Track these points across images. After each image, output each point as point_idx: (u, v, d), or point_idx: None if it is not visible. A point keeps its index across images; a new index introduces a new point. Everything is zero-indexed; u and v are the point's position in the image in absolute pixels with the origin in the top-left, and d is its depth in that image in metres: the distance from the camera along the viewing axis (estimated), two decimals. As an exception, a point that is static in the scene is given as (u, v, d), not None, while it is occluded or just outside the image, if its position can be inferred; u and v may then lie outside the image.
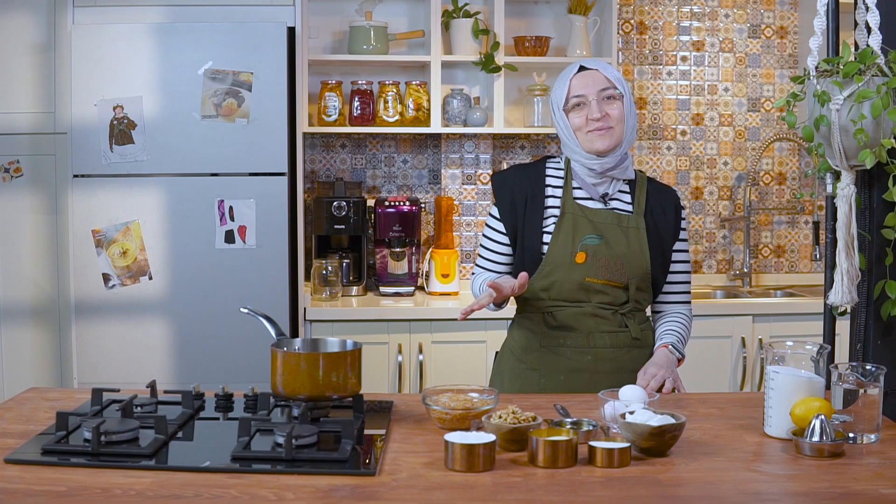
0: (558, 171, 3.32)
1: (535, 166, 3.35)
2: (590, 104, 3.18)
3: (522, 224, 3.25)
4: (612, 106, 3.20)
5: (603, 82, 3.20)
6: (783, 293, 5.59)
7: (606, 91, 3.20)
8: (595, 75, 3.21)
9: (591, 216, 3.22)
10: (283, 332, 2.75)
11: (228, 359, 4.63)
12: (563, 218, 3.21)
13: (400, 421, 2.67)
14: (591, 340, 3.20)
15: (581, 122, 3.19)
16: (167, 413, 2.62)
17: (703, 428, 2.62)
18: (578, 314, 3.20)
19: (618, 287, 3.20)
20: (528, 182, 3.29)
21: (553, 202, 3.26)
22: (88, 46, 4.56)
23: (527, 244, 3.24)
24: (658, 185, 3.38)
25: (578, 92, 3.20)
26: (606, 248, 3.19)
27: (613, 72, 3.25)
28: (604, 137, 3.17)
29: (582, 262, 3.17)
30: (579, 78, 3.22)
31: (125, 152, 4.57)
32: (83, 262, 4.62)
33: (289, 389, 2.54)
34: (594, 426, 2.48)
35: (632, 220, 3.24)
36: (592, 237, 3.19)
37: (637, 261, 3.21)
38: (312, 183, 5.51)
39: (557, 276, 3.19)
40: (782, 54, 5.78)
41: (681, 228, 3.34)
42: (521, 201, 3.26)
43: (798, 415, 2.47)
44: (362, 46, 5.24)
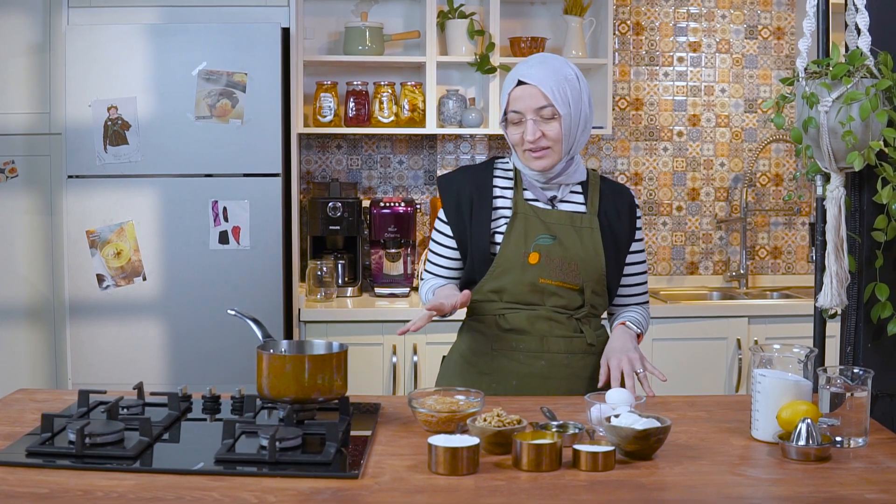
0: (507, 171, 3.20)
1: (482, 167, 3.23)
2: (526, 123, 3.03)
3: (469, 226, 3.13)
4: (549, 126, 3.03)
5: (540, 100, 3.01)
6: (779, 295, 5.58)
7: (544, 110, 3.02)
8: (533, 92, 3.02)
9: (543, 216, 3.11)
10: (269, 335, 2.75)
11: (222, 359, 4.62)
12: (514, 218, 3.10)
13: (386, 423, 2.66)
14: (545, 345, 3.10)
15: (518, 139, 3.07)
16: (153, 415, 2.62)
17: (690, 431, 2.61)
18: (532, 317, 3.10)
19: (572, 289, 3.10)
20: (473, 183, 3.17)
21: (503, 203, 3.15)
22: (83, 47, 4.56)
23: (475, 246, 3.12)
24: (612, 184, 3.26)
25: (516, 107, 3.05)
26: (560, 248, 3.08)
27: (557, 85, 3.02)
28: (540, 160, 3.06)
29: (535, 262, 3.07)
30: (517, 92, 3.05)
31: (119, 153, 4.57)
32: (77, 263, 4.61)
33: (274, 392, 2.53)
34: (580, 429, 2.47)
35: (585, 220, 3.13)
36: (546, 237, 3.09)
37: (592, 262, 3.10)
38: (308, 184, 5.50)
39: (510, 278, 3.09)
40: (779, 55, 5.77)
41: (636, 228, 3.24)
42: (467, 203, 3.14)
43: (785, 418, 2.46)
44: (357, 47, 5.24)
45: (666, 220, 5.76)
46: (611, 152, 5.69)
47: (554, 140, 3.03)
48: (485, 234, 3.11)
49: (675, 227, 5.77)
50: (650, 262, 5.75)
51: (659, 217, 5.76)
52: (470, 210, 3.13)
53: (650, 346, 4.95)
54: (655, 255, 5.77)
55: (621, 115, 5.68)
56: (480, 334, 3.17)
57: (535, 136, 3.02)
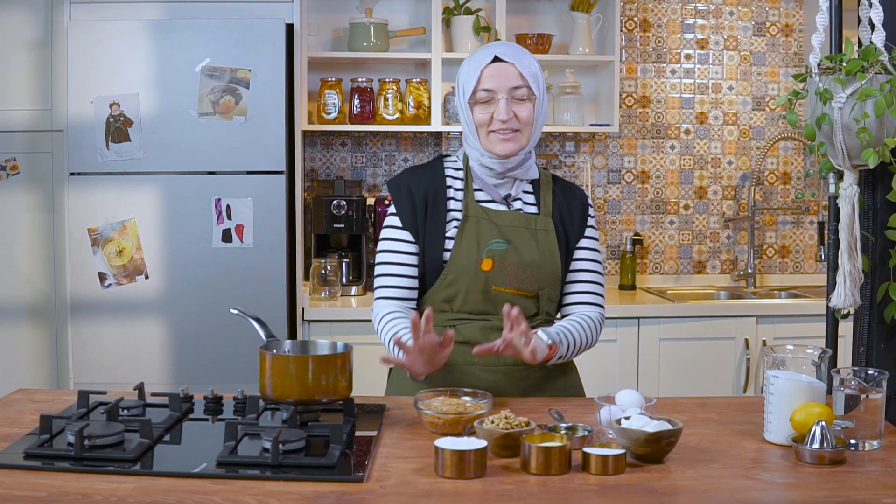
0: (457, 171, 3.04)
1: (432, 167, 3.06)
2: (498, 102, 2.89)
3: (424, 231, 2.95)
4: (522, 107, 2.91)
5: (517, 79, 2.90)
6: (787, 294, 5.53)
7: (519, 90, 2.90)
8: (509, 70, 2.90)
9: (496, 219, 2.96)
10: (272, 334, 2.70)
11: (225, 359, 4.58)
12: (465, 222, 2.94)
13: (392, 425, 2.61)
14: (500, 357, 2.87)
15: (485, 119, 2.91)
16: (154, 416, 2.57)
17: (701, 433, 2.57)
18: (485, 328, 2.94)
19: (527, 297, 2.96)
20: (427, 184, 3.00)
21: (454, 205, 2.98)
22: (85, 43, 4.52)
23: (428, 253, 2.95)
24: (564, 183, 3.11)
25: (488, 86, 2.90)
26: (514, 253, 2.93)
27: (532, 67, 2.94)
28: (507, 142, 2.91)
29: (488, 269, 2.91)
30: (492, 69, 2.91)
31: (121, 150, 4.53)
32: (79, 261, 4.57)
33: (277, 392, 2.48)
34: (589, 431, 2.43)
35: (540, 222, 2.98)
36: (499, 242, 2.93)
37: (548, 267, 2.96)
38: (312, 181, 5.46)
39: (461, 286, 2.93)
40: (787, 52, 5.72)
41: (587, 226, 3.07)
42: (422, 206, 2.96)
43: (798, 421, 2.41)
44: (362, 43, 5.19)
45: (673, 219, 5.71)
46: (617, 150, 5.64)
47: (525, 123, 2.91)
48: (439, 239, 2.95)
49: (683, 225, 5.72)
50: (656, 261, 5.70)
51: (666, 216, 5.71)
52: (425, 213, 2.97)
53: (657, 345, 4.91)
54: (662, 255, 5.72)
55: (628, 112, 5.63)
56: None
57: (509, 115, 2.88)
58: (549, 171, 3.14)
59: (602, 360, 4.87)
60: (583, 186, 5.59)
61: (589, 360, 4.80)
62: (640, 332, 4.93)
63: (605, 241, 5.67)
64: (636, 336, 4.93)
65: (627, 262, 5.54)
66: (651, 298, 5.25)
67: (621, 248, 5.65)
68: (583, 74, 5.55)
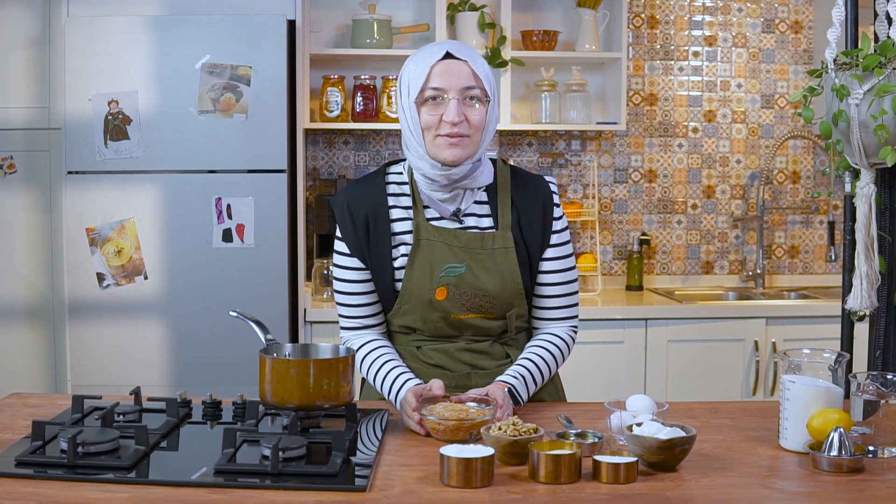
0: (402, 185, 2.81)
1: (373, 181, 2.82)
2: (448, 103, 2.64)
3: (370, 256, 2.75)
4: (473, 110, 2.66)
5: (469, 79, 2.66)
6: (797, 295, 5.46)
7: (471, 90, 2.66)
8: (462, 68, 2.66)
9: (449, 240, 2.73)
10: (273, 338, 2.62)
11: (225, 361, 4.52)
12: (417, 247, 2.72)
13: (395, 431, 2.53)
14: (473, 380, 2.76)
15: (433, 122, 2.65)
16: (150, 422, 2.49)
17: (715, 440, 2.49)
18: (452, 349, 2.79)
19: (492, 319, 2.77)
20: (367, 204, 2.76)
21: (401, 227, 2.76)
22: (83, 40, 4.45)
23: (378, 281, 2.76)
24: (524, 180, 2.85)
25: (438, 84, 2.64)
26: (471, 276, 2.71)
27: (485, 68, 2.71)
28: (455, 147, 2.65)
29: (443, 298, 2.71)
30: (443, 66, 2.66)
31: (120, 148, 4.46)
32: (77, 261, 4.51)
33: (277, 398, 2.40)
34: (600, 438, 2.35)
35: (497, 240, 2.74)
36: (453, 266, 2.71)
37: (509, 287, 2.73)
38: (314, 180, 5.39)
39: (417, 316, 2.76)
40: (797, 49, 5.64)
41: (552, 232, 2.81)
42: (364, 230, 2.75)
43: (815, 427, 2.34)
44: (365, 40, 5.12)
45: (681, 219, 5.64)
46: (624, 149, 5.57)
47: (475, 128, 2.67)
48: (387, 266, 2.75)
49: (690, 225, 5.64)
50: (664, 262, 5.63)
51: (674, 215, 5.63)
52: (367, 238, 2.76)
53: (665, 347, 4.83)
54: (670, 255, 5.64)
55: (635, 110, 5.55)
56: None
57: (459, 117, 2.63)
58: (507, 164, 2.88)
59: (609, 362, 4.80)
60: (583, 187, 5.52)
61: (595, 361, 4.77)
62: (648, 334, 4.85)
63: (612, 241, 5.59)
64: (644, 337, 4.86)
65: (634, 262, 5.46)
66: (658, 299, 5.18)
67: (628, 249, 5.57)
68: (589, 72, 5.47)
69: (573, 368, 3.12)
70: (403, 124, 2.74)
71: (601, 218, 5.56)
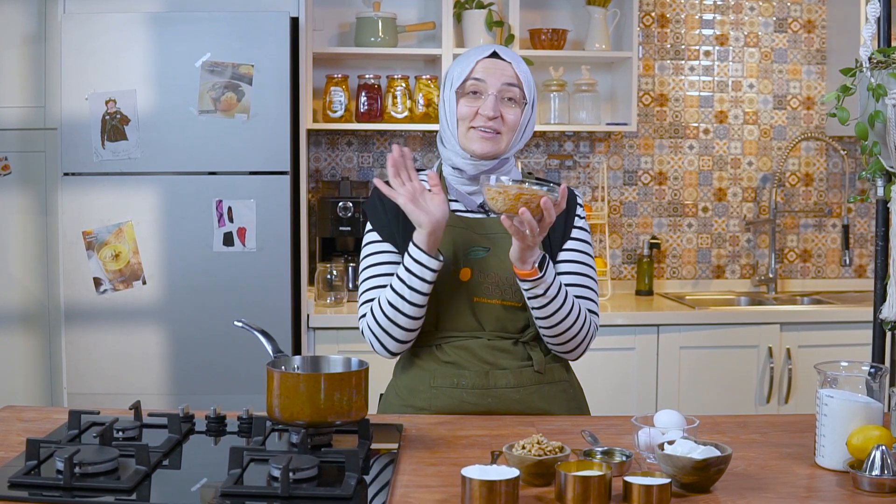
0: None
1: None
2: (486, 97, 2.73)
3: (402, 244, 2.75)
4: (510, 109, 2.75)
5: (511, 78, 2.76)
6: (810, 300, 5.34)
7: (511, 90, 2.75)
8: (506, 68, 2.76)
9: (474, 227, 2.78)
10: (280, 349, 2.49)
11: (227, 369, 4.39)
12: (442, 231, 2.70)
13: (411, 448, 2.40)
14: (491, 380, 2.74)
15: (468, 113, 2.74)
16: (152, 439, 2.36)
17: (747, 457, 2.36)
18: (474, 346, 2.75)
19: (514, 307, 2.75)
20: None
21: None
22: (80, 37, 4.33)
23: None
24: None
25: (480, 76, 2.75)
26: (496, 260, 2.74)
27: (527, 74, 2.80)
28: (486, 142, 2.74)
29: (468, 279, 2.73)
30: (488, 63, 2.77)
31: (118, 149, 4.34)
32: (73, 266, 4.39)
33: (286, 414, 2.27)
34: (628, 456, 2.22)
35: None
36: (478, 249, 2.76)
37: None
38: (316, 182, 5.26)
39: (442, 299, 2.74)
40: (809, 49, 5.52)
41: (574, 227, 2.84)
42: (395, 219, 2.77)
43: (855, 445, 2.21)
44: (370, 39, 4.99)
45: (691, 222, 5.51)
46: (634, 150, 5.44)
47: (509, 127, 2.76)
48: None
49: (701, 228, 5.52)
50: (674, 266, 5.50)
51: (684, 218, 5.50)
52: (398, 227, 2.78)
53: (677, 353, 4.71)
54: (680, 259, 5.52)
55: (645, 111, 5.43)
56: (418, 369, 2.81)
57: (495, 112, 2.72)
58: (533, 175, 2.95)
59: (620, 369, 4.68)
60: (592, 189, 5.39)
61: (606, 368, 4.64)
62: (660, 340, 4.73)
63: (621, 245, 5.47)
64: (655, 344, 4.73)
65: (644, 266, 5.34)
66: (669, 304, 5.05)
67: (638, 252, 5.45)
68: (598, 71, 5.35)
69: (583, 375, 2.99)
70: (441, 117, 2.83)
71: (610, 221, 5.44)
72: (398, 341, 2.75)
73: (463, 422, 2.64)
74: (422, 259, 2.64)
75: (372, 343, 2.78)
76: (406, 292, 2.67)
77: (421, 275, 2.64)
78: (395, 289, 2.69)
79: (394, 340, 2.75)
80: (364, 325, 2.78)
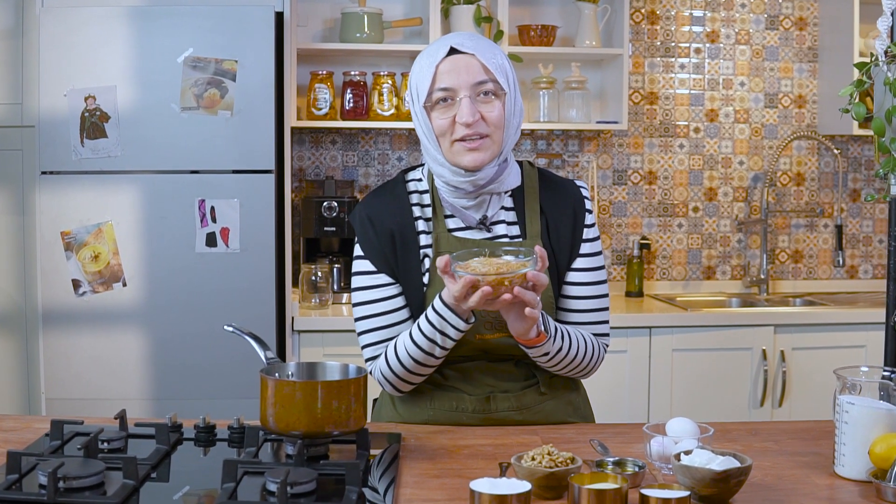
0: (423, 193, 2.59)
1: (393, 191, 2.59)
2: (459, 103, 2.42)
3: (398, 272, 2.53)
4: (489, 107, 2.44)
5: (479, 73, 2.42)
6: (802, 301, 5.25)
7: (483, 86, 2.43)
8: (470, 63, 2.43)
9: (474, 248, 2.45)
10: (273, 356, 2.37)
11: (210, 373, 4.28)
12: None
13: (411, 459, 2.29)
14: (493, 404, 2.55)
15: (446, 126, 2.43)
16: (138, 450, 2.24)
17: (763, 467, 2.26)
18: (473, 369, 2.56)
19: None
20: (391, 217, 2.54)
21: (425, 239, 2.54)
22: (58, 31, 4.21)
23: (410, 300, 2.54)
24: (554, 183, 2.63)
25: (446, 84, 2.42)
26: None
27: (497, 57, 2.47)
28: (475, 151, 2.43)
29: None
30: (448, 64, 2.43)
31: (97, 147, 4.23)
32: (51, 267, 4.27)
33: (282, 424, 2.15)
34: (641, 467, 2.12)
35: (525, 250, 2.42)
36: None
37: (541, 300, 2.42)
38: (300, 181, 5.14)
39: None
40: (801, 47, 5.44)
41: (583, 240, 2.60)
42: (389, 245, 2.53)
43: (878, 454, 2.11)
44: (355, 34, 4.88)
45: (682, 222, 5.42)
46: (623, 149, 5.34)
47: (495, 125, 2.44)
48: (417, 284, 2.53)
49: (692, 229, 5.43)
50: (664, 267, 5.41)
51: (674, 218, 5.41)
52: (394, 252, 2.53)
53: (670, 356, 4.62)
54: (670, 260, 5.43)
55: (635, 109, 5.33)
56: (415, 391, 2.60)
57: (473, 117, 2.41)
58: (534, 166, 2.66)
59: (612, 372, 4.57)
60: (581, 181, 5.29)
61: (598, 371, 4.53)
62: (652, 343, 4.63)
63: (611, 246, 5.37)
64: (647, 346, 4.64)
65: (634, 267, 5.24)
66: (660, 306, 4.96)
67: (627, 253, 5.35)
68: (588, 69, 5.25)
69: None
70: (418, 130, 2.52)
71: (600, 221, 5.34)
72: (415, 384, 2.58)
73: (463, 430, 2.53)
74: (451, 319, 2.40)
75: (384, 386, 2.60)
76: (432, 348, 2.45)
77: (448, 333, 2.42)
78: (417, 343, 2.46)
79: (411, 385, 2.57)
80: (377, 374, 2.57)
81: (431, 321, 2.41)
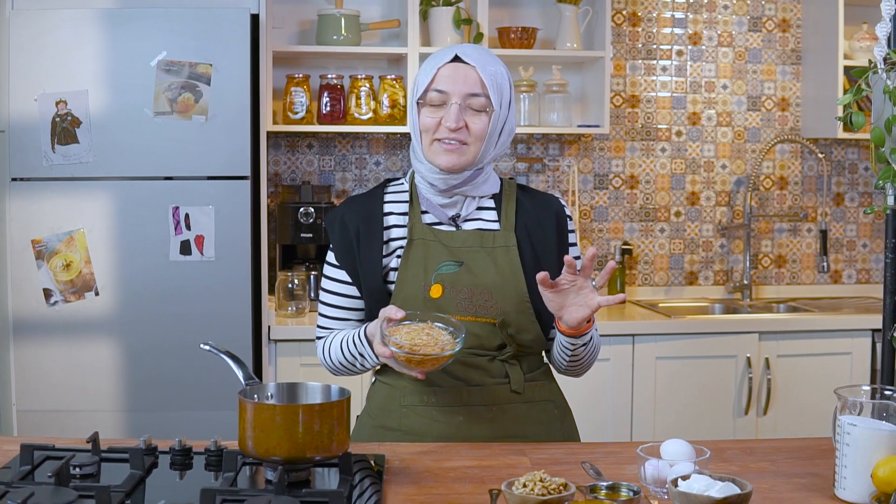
0: (401, 193, 2.72)
1: (371, 193, 2.74)
2: (449, 107, 2.56)
3: (359, 261, 2.63)
4: (476, 118, 2.56)
5: (475, 85, 2.56)
6: (786, 307, 5.19)
7: (475, 98, 2.56)
8: (469, 74, 2.56)
9: (446, 240, 2.62)
10: (251, 375, 2.28)
11: (184, 384, 4.19)
12: (411, 246, 2.61)
13: (396, 483, 2.20)
14: (464, 396, 2.59)
15: (431, 125, 2.58)
16: (112, 475, 2.15)
17: (761, 489, 2.18)
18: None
19: (489, 324, 2.57)
20: (361, 212, 2.67)
21: (399, 232, 2.65)
22: (28, 34, 4.12)
23: (367, 284, 2.61)
24: (535, 194, 2.76)
25: (441, 87, 2.57)
26: (468, 275, 2.58)
27: (497, 76, 2.60)
28: (451, 154, 2.57)
29: (438, 296, 2.56)
30: (450, 69, 2.58)
31: (69, 153, 4.13)
32: (22, 276, 4.18)
33: (261, 449, 2.06)
34: (636, 492, 2.04)
35: (499, 238, 2.63)
36: (449, 264, 2.59)
37: (510, 287, 2.58)
38: (276, 187, 5.05)
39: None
40: (784, 49, 5.38)
41: (569, 245, 2.72)
42: (354, 235, 2.64)
43: (881, 477, 2.04)
44: (332, 37, 4.79)
45: (663, 227, 5.35)
46: (605, 153, 5.27)
47: (475, 137, 2.57)
48: (376, 269, 2.61)
49: (674, 233, 5.36)
50: (646, 272, 5.34)
51: (656, 223, 5.34)
52: (358, 243, 2.64)
53: (653, 364, 4.55)
54: (652, 265, 5.36)
55: (616, 112, 5.26)
56: (389, 388, 2.66)
57: (459, 123, 2.54)
58: (514, 181, 2.78)
59: (594, 380, 4.49)
60: (562, 194, 5.21)
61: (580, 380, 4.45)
62: (635, 350, 4.56)
63: (592, 251, 5.29)
64: (630, 354, 4.57)
65: (616, 273, 5.17)
66: (642, 313, 4.89)
67: (609, 259, 5.28)
68: (569, 71, 5.18)
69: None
70: (409, 126, 2.73)
71: (581, 226, 5.26)
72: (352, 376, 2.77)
73: (447, 451, 2.45)
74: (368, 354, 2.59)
75: (324, 366, 2.78)
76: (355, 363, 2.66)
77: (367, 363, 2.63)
78: (344, 353, 2.66)
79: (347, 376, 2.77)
80: (318, 353, 2.77)
81: (356, 343, 2.60)
